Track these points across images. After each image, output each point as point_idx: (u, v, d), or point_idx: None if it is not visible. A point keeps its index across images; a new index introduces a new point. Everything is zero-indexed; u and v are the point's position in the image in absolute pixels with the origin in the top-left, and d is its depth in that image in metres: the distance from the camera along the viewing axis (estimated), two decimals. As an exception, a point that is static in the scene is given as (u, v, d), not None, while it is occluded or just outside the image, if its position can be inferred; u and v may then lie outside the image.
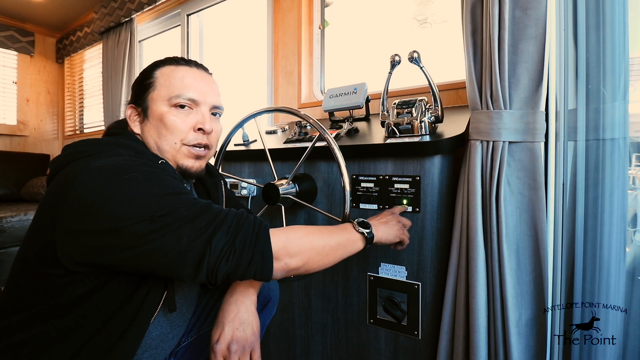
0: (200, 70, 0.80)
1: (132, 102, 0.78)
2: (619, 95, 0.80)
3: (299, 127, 1.29)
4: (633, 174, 0.89)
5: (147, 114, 0.75)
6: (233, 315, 0.72)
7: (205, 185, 0.91)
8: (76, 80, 3.46)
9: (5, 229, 2.12)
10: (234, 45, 2.49)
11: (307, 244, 0.68)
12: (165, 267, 0.59)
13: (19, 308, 0.63)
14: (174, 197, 0.61)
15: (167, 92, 0.74)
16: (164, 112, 0.73)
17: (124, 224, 0.57)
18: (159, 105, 0.74)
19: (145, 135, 0.76)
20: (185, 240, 0.58)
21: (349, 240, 0.75)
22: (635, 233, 0.92)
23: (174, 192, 0.62)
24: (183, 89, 0.74)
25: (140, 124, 0.77)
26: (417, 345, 0.97)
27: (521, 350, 0.83)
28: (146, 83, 0.76)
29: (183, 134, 0.74)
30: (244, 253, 0.61)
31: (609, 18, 0.81)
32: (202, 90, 0.76)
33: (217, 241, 0.59)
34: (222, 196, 0.91)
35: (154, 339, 0.73)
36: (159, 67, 0.77)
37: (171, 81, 0.75)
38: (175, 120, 0.74)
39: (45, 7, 2.93)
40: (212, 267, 0.59)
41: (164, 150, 0.75)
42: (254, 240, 0.63)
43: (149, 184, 0.61)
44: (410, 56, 0.95)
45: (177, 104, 0.74)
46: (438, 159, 0.94)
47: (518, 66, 0.85)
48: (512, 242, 0.86)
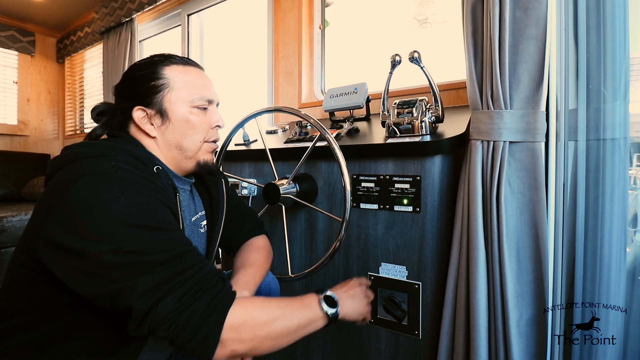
0: (201, 70, 0.82)
1: (140, 104, 0.74)
2: (620, 95, 0.81)
3: (299, 127, 1.29)
4: (634, 174, 0.89)
5: (168, 116, 0.75)
6: None
7: (206, 184, 0.91)
8: (77, 80, 3.46)
9: (6, 228, 2.13)
10: (234, 45, 2.49)
11: (263, 330, 0.62)
12: (111, 306, 0.57)
13: (17, 310, 0.63)
14: (150, 233, 0.58)
15: (188, 94, 0.76)
16: (187, 114, 0.76)
17: (92, 249, 0.55)
18: (181, 106, 0.75)
19: (167, 136, 0.76)
20: (137, 294, 0.54)
21: (309, 320, 0.69)
22: (636, 233, 0.92)
23: (153, 226, 0.59)
24: (202, 91, 0.78)
25: (157, 127, 0.75)
26: (417, 345, 0.97)
27: (522, 350, 0.83)
28: (157, 84, 0.74)
29: (206, 132, 0.79)
30: (186, 329, 0.56)
31: (610, 18, 0.81)
32: (212, 90, 0.81)
33: (164, 306, 0.55)
34: (223, 195, 0.91)
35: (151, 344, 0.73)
36: (164, 66, 0.76)
37: (187, 83, 0.76)
38: (199, 120, 0.77)
39: (46, 7, 2.94)
40: (152, 329, 0.56)
41: (186, 149, 0.77)
42: (202, 320, 0.57)
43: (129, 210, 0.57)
44: (411, 56, 0.96)
45: (200, 106, 0.77)
46: (439, 159, 0.94)
47: (519, 66, 0.85)
48: (513, 242, 0.86)
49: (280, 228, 1.25)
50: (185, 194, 0.84)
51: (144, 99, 0.74)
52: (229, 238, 0.95)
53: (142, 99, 0.74)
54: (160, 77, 0.74)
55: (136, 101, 0.74)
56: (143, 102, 0.74)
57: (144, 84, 0.74)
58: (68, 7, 2.95)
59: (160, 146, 0.77)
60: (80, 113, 3.43)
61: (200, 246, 0.86)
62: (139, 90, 0.75)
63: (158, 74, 0.75)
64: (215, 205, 0.89)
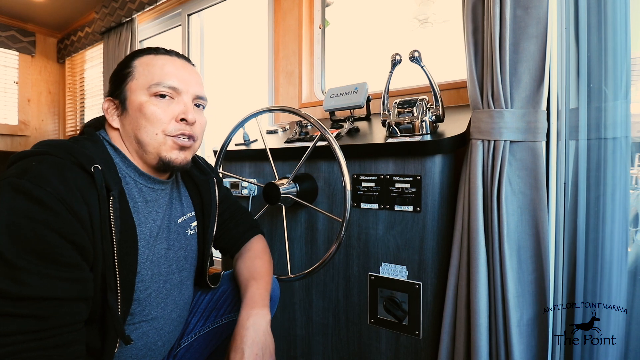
0: (181, 60, 0.76)
1: (110, 95, 0.72)
2: (621, 94, 0.80)
3: (299, 126, 1.29)
4: (635, 174, 0.88)
5: (126, 105, 0.70)
6: (251, 340, 0.70)
7: (197, 183, 0.85)
8: (77, 80, 3.46)
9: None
10: (234, 45, 2.49)
11: None
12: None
13: None
14: (32, 260, 0.52)
15: (146, 80, 0.70)
16: (143, 102, 0.69)
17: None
18: (138, 95, 0.69)
19: (126, 128, 0.71)
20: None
21: None
22: (637, 233, 0.92)
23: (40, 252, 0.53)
24: (163, 77, 0.70)
25: (118, 117, 0.72)
26: (418, 345, 0.97)
27: (522, 350, 0.83)
28: (124, 73, 0.72)
29: (164, 124, 0.69)
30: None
31: (611, 17, 0.81)
32: (183, 79, 0.72)
33: None
34: (215, 196, 0.86)
35: (140, 349, 0.72)
36: (137, 57, 0.73)
37: (150, 69, 0.71)
38: (155, 110, 0.69)
39: (47, 7, 2.94)
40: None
41: (144, 143, 0.69)
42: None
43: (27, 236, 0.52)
44: (411, 55, 0.95)
45: (158, 92, 0.69)
46: (439, 159, 0.93)
47: (519, 65, 0.84)
48: (514, 241, 0.85)
49: (280, 228, 1.25)
50: (161, 194, 0.76)
51: (114, 90, 0.72)
52: (224, 240, 0.93)
53: (112, 91, 0.73)
54: (128, 67, 0.72)
55: (109, 92, 0.73)
56: (112, 94, 0.73)
57: (115, 75, 0.73)
58: (68, 7, 2.95)
59: (124, 138, 0.72)
60: (81, 113, 3.43)
61: (189, 248, 0.83)
62: (112, 81, 0.74)
63: (128, 64, 0.72)
64: (207, 206, 0.85)
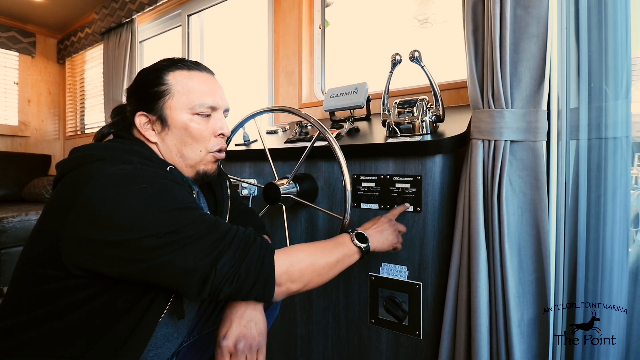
0: (210, 75, 0.80)
1: (143, 110, 0.75)
2: (622, 93, 0.80)
3: (299, 127, 1.29)
4: (636, 174, 0.88)
5: (167, 123, 0.75)
6: (241, 312, 0.71)
7: (211, 185, 0.91)
8: (77, 81, 3.46)
9: (7, 229, 2.13)
10: (234, 46, 2.49)
11: (309, 267, 0.71)
12: (169, 282, 0.61)
13: (22, 309, 0.63)
14: (182, 213, 0.62)
15: (188, 100, 0.75)
16: (187, 121, 0.75)
17: (132, 237, 0.58)
18: (180, 113, 0.74)
19: (167, 143, 0.76)
20: (191, 260, 0.60)
21: (346, 255, 0.79)
22: (638, 233, 0.92)
23: (183, 207, 0.63)
24: (203, 97, 0.76)
25: (157, 133, 0.76)
26: (418, 345, 0.97)
27: (523, 351, 0.83)
28: (160, 90, 0.74)
29: (207, 141, 0.77)
30: (248, 278, 0.64)
31: (611, 16, 0.81)
32: (218, 96, 0.79)
33: (223, 264, 0.62)
34: (227, 196, 0.92)
35: (159, 339, 0.73)
36: (168, 72, 0.75)
37: (189, 89, 0.75)
38: (199, 128, 0.76)
39: (47, 8, 2.94)
40: (216, 288, 0.62)
41: (187, 157, 0.77)
42: (258, 266, 0.65)
43: (158, 197, 0.61)
44: (411, 55, 0.95)
45: (201, 113, 0.76)
46: (439, 159, 0.93)
47: (520, 65, 0.84)
48: (514, 241, 0.85)
49: (280, 228, 1.25)
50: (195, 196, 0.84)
51: (147, 104, 0.75)
52: None
53: (145, 104, 0.75)
54: (163, 83, 0.75)
55: (140, 106, 0.76)
56: (146, 108, 0.75)
57: (148, 90, 0.75)
58: (68, 8, 2.95)
59: (162, 151, 0.77)
60: (81, 114, 3.43)
61: None
62: (143, 96, 0.76)
63: (161, 79, 0.75)
64: (220, 207, 0.89)
